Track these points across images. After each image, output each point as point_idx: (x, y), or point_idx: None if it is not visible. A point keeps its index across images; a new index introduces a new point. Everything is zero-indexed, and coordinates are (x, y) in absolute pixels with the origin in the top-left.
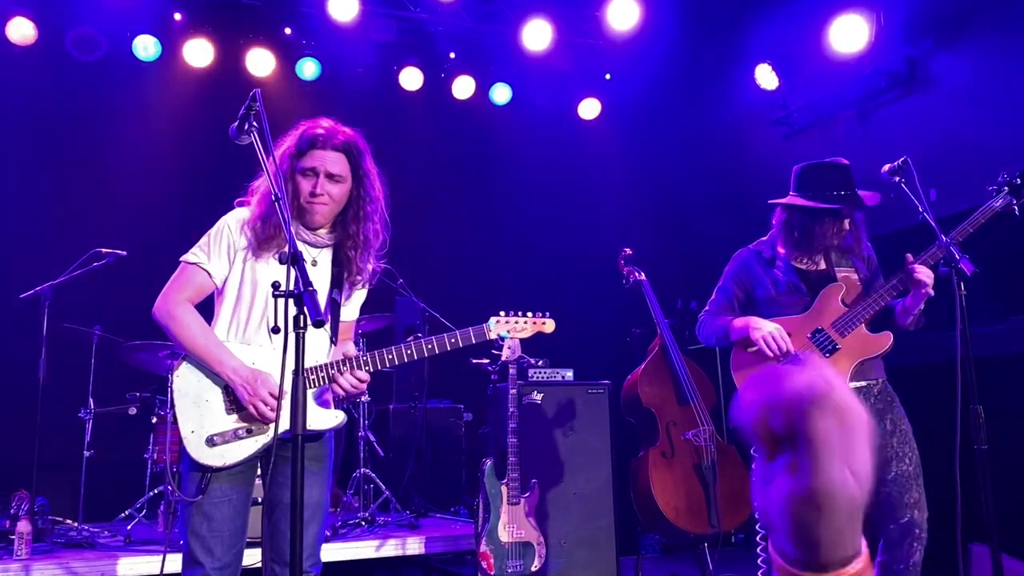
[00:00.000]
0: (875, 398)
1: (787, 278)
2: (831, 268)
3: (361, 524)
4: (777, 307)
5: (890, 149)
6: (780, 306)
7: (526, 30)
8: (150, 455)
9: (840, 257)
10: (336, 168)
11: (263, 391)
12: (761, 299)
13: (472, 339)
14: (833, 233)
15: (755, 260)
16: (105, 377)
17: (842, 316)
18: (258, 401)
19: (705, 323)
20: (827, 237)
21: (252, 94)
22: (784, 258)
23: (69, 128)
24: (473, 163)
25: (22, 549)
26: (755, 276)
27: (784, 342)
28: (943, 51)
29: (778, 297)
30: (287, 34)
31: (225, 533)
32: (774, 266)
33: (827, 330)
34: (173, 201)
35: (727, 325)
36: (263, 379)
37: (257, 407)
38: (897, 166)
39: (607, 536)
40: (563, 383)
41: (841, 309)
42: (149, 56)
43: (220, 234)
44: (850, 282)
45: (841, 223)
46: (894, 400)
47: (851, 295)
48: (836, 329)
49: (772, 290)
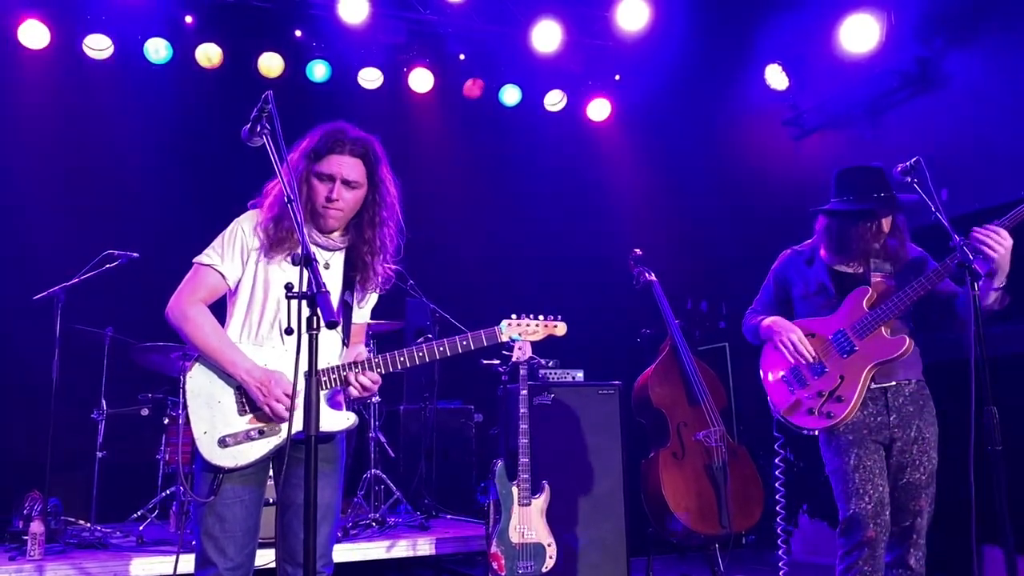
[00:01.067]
0: (905, 399)
1: (819, 279)
2: (868, 272)
3: (372, 525)
4: (808, 306)
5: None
6: (811, 305)
7: (535, 31)
8: (162, 456)
9: (883, 262)
10: (353, 174)
11: (277, 391)
12: (796, 298)
13: (484, 342)
14: (871, 236)
15: (795, 259)
16: (117, 378)
17: (862, 318)
18: (272, 401)
19: (746, 319)
20: (865, 240)
21: (264, 96)
22: (823, 260)
23: (81, 131)
24: (483, 165)
25: (35, 550)
26: (793, 275)
27: (801, 346)
28: (954, 50)
29: (809, 296)
30: (297, 36)
31: (238, 533)
32: (812, 266)
33: (847, 331)
34: (185, 203)
35: (759, 323)
36: (276, 379)
37: (272, 407)
38: (910, 166)
39: (617, 537)
40: (574, 384)
41: (864, 312)
42: (160, 59)
43: (234, 236)
44: (883, 287)
45: (879, 225)
46: (926, 404)
47: (880, 299)
48: (856, 331)
49: (804, 289)
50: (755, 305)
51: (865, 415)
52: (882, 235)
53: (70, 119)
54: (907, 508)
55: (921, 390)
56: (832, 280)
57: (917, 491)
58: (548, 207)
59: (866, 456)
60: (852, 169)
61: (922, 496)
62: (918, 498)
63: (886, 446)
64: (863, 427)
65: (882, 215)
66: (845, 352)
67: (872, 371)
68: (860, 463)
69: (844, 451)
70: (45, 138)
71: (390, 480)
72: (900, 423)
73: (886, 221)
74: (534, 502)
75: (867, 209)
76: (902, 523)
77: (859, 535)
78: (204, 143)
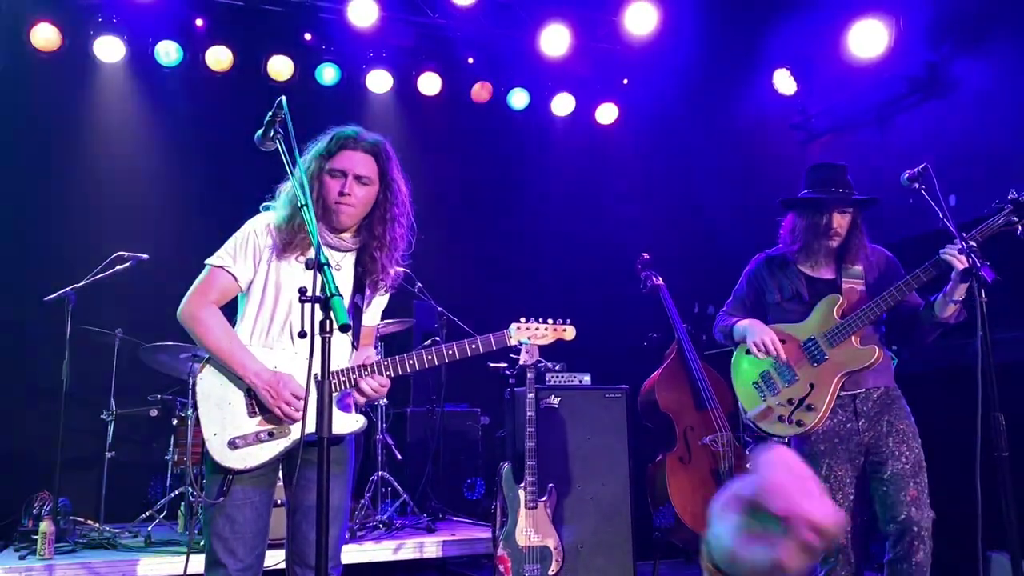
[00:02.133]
0: (872, 403)
1: (792, 285)
2: (839, 278)
3: (379, 527)
4: (781, 312)
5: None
6: (783, 312)
7: (544, 35)
8: (171, 457)
9: (851, 266)
10: (364, 170)
11: (286, 393)
12: (769, 303)
13: (493, 345)
14: (822, 229)
15: (767, 265)
16: (127, 379)
17: (834, 328)
18: (282, 403)
19: (718, 321)
20: (816, 233)
21: (278, 101)
22: (793, 263)
23: (91, 132)
24: (490, 168)
25: (45, 549)
26: (765, 280)
27: (773, 348)
28: (963, 56)
29: (782, 303)
30: (307, 40)
31: (247, 535)
32: (784, 272)
33: (819, 340)
34: (194, 205)
35: (733, 325)
36: (285, 381)
37: (282, 409)
38: (917, 172)
39: (624, 540)
40: (580, 387)
41: (835, 321)
42: (171, 62)
43: (246, 238)
44: (854, 293)
45: (829, 218)
46: (895, 403)
47: (851, 307)
48: (827, 340)
49: (778, 295)
50: (726, 307)
51: (835, 423)
52: (833, 232)
53: (81, 121)
54: (898, 500)
55: (889, 394)
56: (806, 286)
57: (904, 480)
58: (555, 211)
59: (837, 466)
60: (817, 165)
61: (911, 485)
62: (907, 487)
63: (862, 452)
64: (834, 436)
65: (830, 208)
66: (816, 360)
67: (841, 380)
68: (831, 473)
69: (815, 460)
70: (56, 140)
71: (397, 482)
72: (869, 425)
73: (840, 218)
74: (540, 505)
75: (816, 199)
76: (898, 517)
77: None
78: (214, 145)
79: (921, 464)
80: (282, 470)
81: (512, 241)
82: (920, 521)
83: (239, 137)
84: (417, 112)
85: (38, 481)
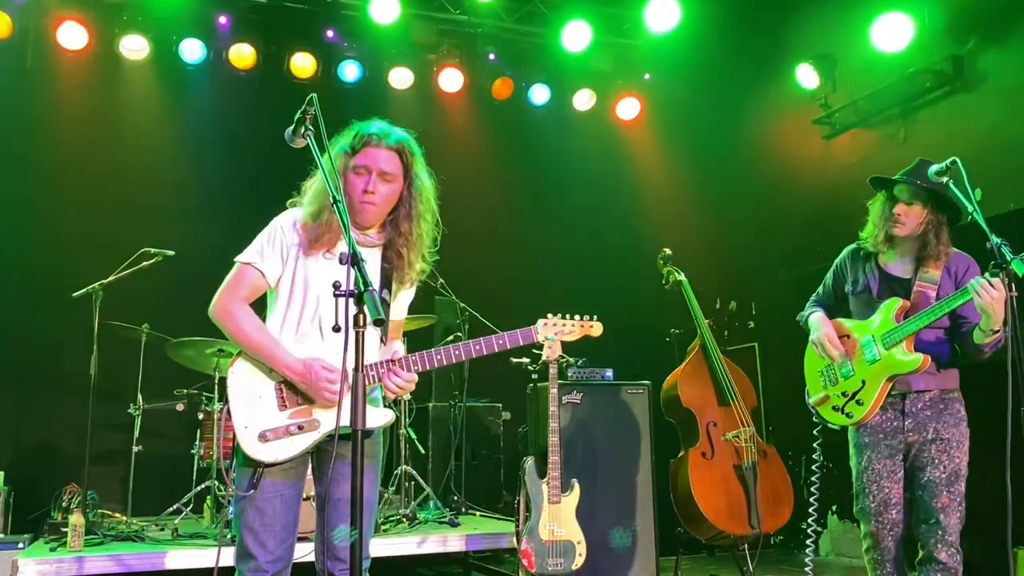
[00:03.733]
0: (924, 404)
1: (865, 278)
2: (913, 279)
3: (402, 521)
4: (855, 304)
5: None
6: (857, 303)
7: (565, 31)
8: (197, 451)
9: (928, 270)
10: (389, 166)
11: (320, 378)
12: (849, 294)
13: (520, 341)
14: (886, 215)
15: (852, 255)
16: (153, 374)
17: (889, 331)
18: (321, 388)
19: (805, 309)
20: (882, 217)
21: (308, 98)
22: (875, 255)
23: (118, 130)
24: (512, 164)
25: (75, 541)
26: (847, 270)
27: (828, 347)
28: (989, 49)
29: (856, 294)
30: (329, 37)
31: (277, 527)
32: (865, 263)
33: (876, 340)
34: (219, 201)
35: (808, 316)
36: (315, 368)
37: (320, 394)
38: (945, 166)
39: (647, 536)
40: (603, 383)
41: (892, 324)
42: (195, 59)
43: (274, 234)
44: (923, 298)
45: (893, 205)
46: (947, 410)
47: (915, 311)
48: (883, 341)
49: (853, 287)
50: (815, 296)
51: (882, 419)
52: (896, 218)
53: (107, 118)
54: (930, 506)
55: (943, 399)
56: (879, 282)
57: (937, 488)
58: (576, 207)
59: (876, 459)
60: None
61: (943, 494)
62: (939, 495)
63: (904, 451)
64: (879, 431)
65: (898, 193)
66: (870, 359)
67: (890, 381)
68: (870, 464)
69: (859, 451)
70: (83, 137)
71: (420, 476)
72: (915, 427)
73: (905, 208)
74: (564, 500)
75: (891, 180)
76: (928, 520)
77: (865, 528)
78: (238, 142)
79: (958, 473)
80: (311, 463)
81: (533, 237)
82: (947, 527)
83: (263, 134)
84: (438, 108)
85: (67, 474)
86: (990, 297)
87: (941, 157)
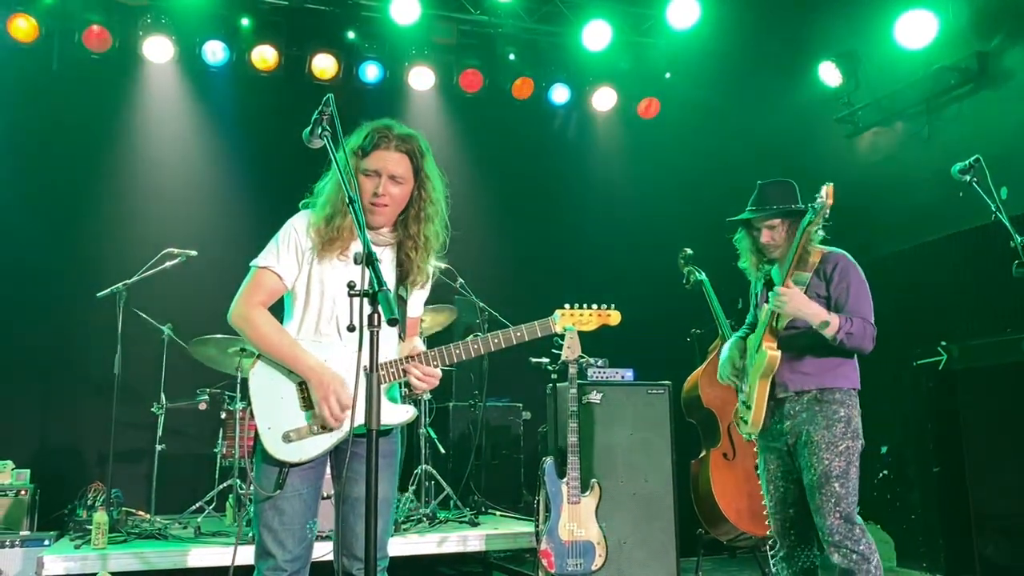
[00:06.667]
0: (801, 407)
1: (760, 291)
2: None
3: (422, 520)
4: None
5: (958, 147)
6: (756, 318)
7: (586, 30)
8: (219, 449)
9: (801, 273)
10: (399, 170)
11: (334, 398)
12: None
13: (538, 332)
14: (757, 245)
15: (756, 276)
16: (176, 373)
17: (755, 334)
18: (328, 404)
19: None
20: (758, 249)
21: (325, 99)
22: (768, 272)
23: (142, 131)
24: (533, 163)
25: (100, 539)
26: (757, 294)
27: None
28: (1016, 46)
29: (757, 308)
30: (350, 38)
31: (296, 526)
32: (764, 279)
33: (754, 347)
34: (242, 203)
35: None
36: (336, 387)
37: (328, 408)
38: (968, 164)
39: (667, 536)
40: (623, 383)
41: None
42: (218, 61)
43: (288, 237)
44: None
45: (759, 233)
46: (823, 410)
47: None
48: (754, 346)
49: (755, 301)
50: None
51: (769, 424)
52: (766, 245)
53: (131, 120)
54: (810, 508)
55: (822, 397)
56: (765, 292)
57: (811, 491)
58: (597, 207)
59: (769, 461)
60: (760, 184)
61: (816, 496)
62: (813, 498)
63: (789, 453)
64: (768, 436)
65: (756, 225)
66: (751, 365)
67: (766, 380)
68: (765, 467)
69: (760, 456)
70: (107, 138)
71: (440, 476)
72: (791, 430)
73: (768, 232)
74: (584, 500)
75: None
76: (813, 524)
77: (772, 529)
78: (260, 143)
79: (829, 475)
80: (330, 463)
81: (554, 237)
82: (824, 528)
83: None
84: (459, 108)
85: (91, 473)
86: (788, 306)
87: (966, 155)
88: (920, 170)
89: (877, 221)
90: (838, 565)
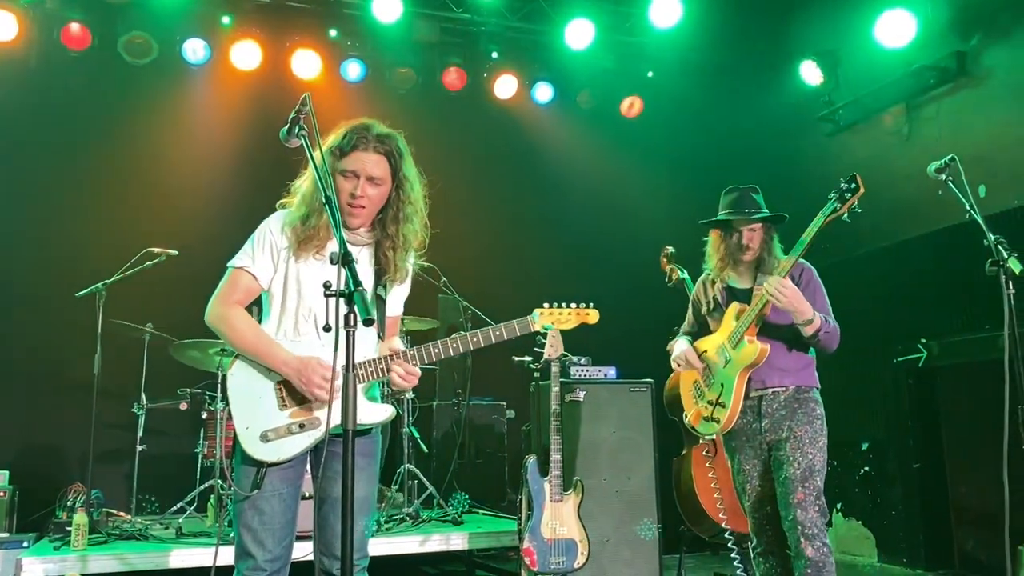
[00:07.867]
0: (779, 404)
1: (715, 298)
2: (752, 288)
3: (405, 519)
4: (714, 325)
5: (938, 145)
6: (714, 323)
7: (568, 29)
8: (200, 450)
9: (766, 277)
10: (377, 171)
11: (315, 376)
12: (707, 317)
13: (517, 331)
14: (736, 246)
15: (703, 283)
16: (157, 373)
17: (734, 330)
18: (313, 387)
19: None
20: (734, 249)
21: (302, 98)
22: (718, 278)
23: (121, 130)
24: (516, 162)
25: (79, 540)
26: (701, 299)
27: (687, 361)
28: (994, 45)
29: (710, 313)
30: (332, 36)
31: (276, 526)
32: (712, 286)
33: (726, 344)
34: (223, 201)
35: (671, 345)
36: (312, 365)
37: (313, 392)
38: (944, 163)
39: (650, 534)
40: (606, 381)
41: (733, 325)
42: (198, 59)
43: (263, 237)
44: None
45: (739, 235)
46: (803, 407)
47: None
48: (731, 343)
49: (707, 307)
50: (680, 329)
51: (744, 423)
52: (745, 247)
53: (110, 118)
54: (788, 502)
55: (798, 396)
56: (725, 296)
57: (793, 485)
58: (580, 205)
59: (745, 461)
60: (729, 189)
61: (798, 489)
62: (795, 491)
63: (767, 450)
64: (742, 435)
65: (739, 227)
66: (723, 362)
67: (744, 376)
68: (741, 467)
69: (731, 455)
70: (86, 137)
71: (423, 475)
72: (771, 427)
73: (749, 234)
74: (567, 498)
75: (726, 220)
76: (787, 517)
77: (749, 527)
78: (241, 141)
79: (812, 469)
80: (310, 462)
81: (537, 236)
82: (805, 521)
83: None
84: (441, 107)
85: (71, 473)
86: (786, 299)
87: (945, 153)
88: (900, 168)
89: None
90: (810, 559)
